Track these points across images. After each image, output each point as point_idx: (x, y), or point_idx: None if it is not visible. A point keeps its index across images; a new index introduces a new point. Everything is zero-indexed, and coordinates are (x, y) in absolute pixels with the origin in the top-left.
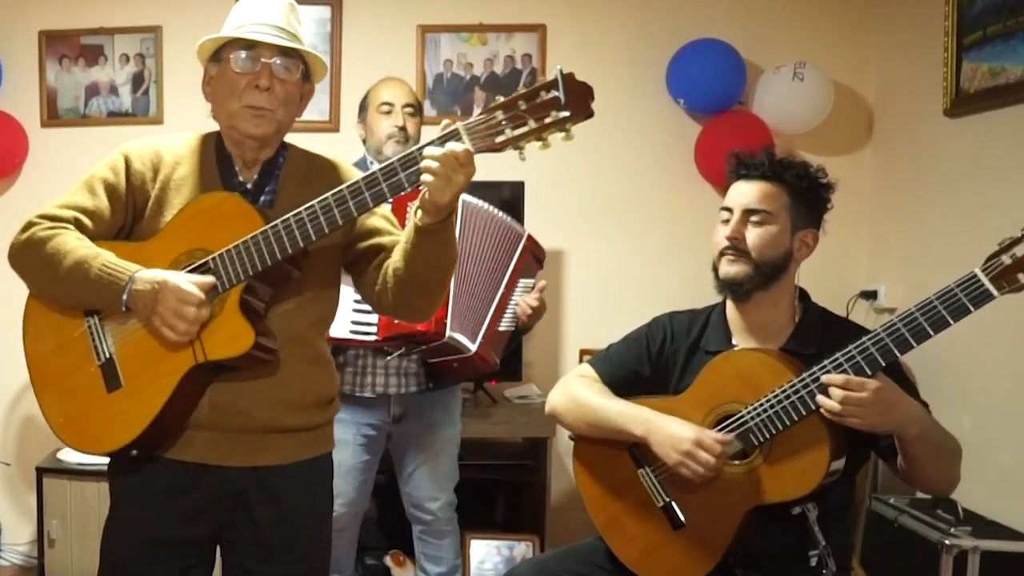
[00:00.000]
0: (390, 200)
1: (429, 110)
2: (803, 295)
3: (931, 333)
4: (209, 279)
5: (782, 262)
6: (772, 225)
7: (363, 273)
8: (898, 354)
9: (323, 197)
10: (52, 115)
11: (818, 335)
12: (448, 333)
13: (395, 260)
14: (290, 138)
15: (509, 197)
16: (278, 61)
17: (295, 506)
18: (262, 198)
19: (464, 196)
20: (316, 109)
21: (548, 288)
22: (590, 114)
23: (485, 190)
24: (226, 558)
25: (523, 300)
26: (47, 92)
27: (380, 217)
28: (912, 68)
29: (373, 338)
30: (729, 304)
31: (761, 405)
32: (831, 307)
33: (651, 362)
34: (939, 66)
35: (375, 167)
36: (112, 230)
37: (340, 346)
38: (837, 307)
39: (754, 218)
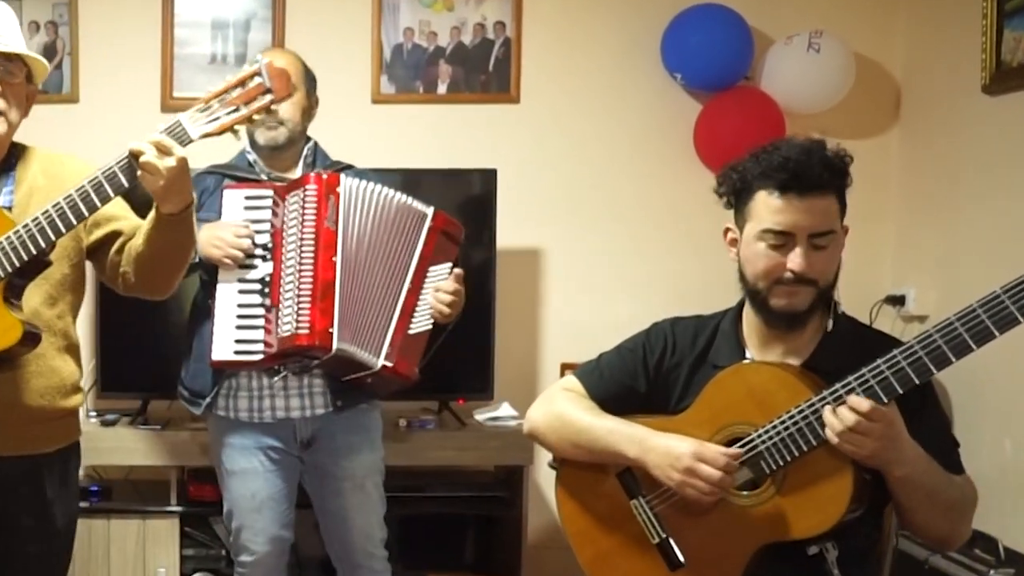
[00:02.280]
0: (118, 191)
1: (387, 87)
2: (831, 303)
3: (973, 347)
4: None
5: (837, 275)
6: (835, 242)
7: (104, 257)
8: (935, 371)
9: (67, 193)
10: None
11: (846, 350)
12: (336, 345)
13: (137, 243)
14: None
15: (479, 188)
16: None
17: (55, 493)
18: (1, 200)
19: (348, 180)
20: None
21: (524, 291)
22: (290, 94)
23: (452, 179)
24: None
25: (435, 294)
26: None
27: (115, 203)
28: (946, 38)
29: (259, 358)
30: (747, 311)
31: (775, 427)
32: (851, 315)
33: (648, 376)
34: (977, 35)
35: (251, 156)
36: None
37: (226, 370)
38: (859, 314)
39: (820, 241)
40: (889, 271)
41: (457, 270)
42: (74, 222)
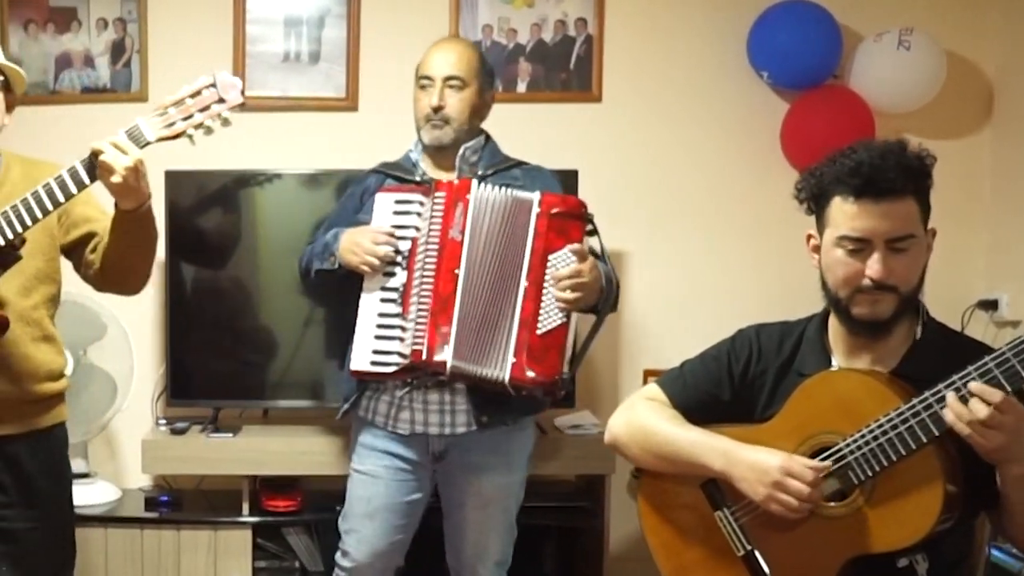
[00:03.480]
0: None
1: None
2: (920, 308)
3: None
4: None
5: (922, 281)
6: (916, 247)
7: (81, 256)
8: None
9: (34, 189)
10: None
11: (936, 357)
12: (451, 364)
13: (104, 241)
14: (305, 116)
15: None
16: None
17: (37, 469)
18: None
19: (479, 187)
20: (331, 84)
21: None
22: (241, 103)
23: None
24: None
25: (555, 282)
26: None
27: (93, 206)
28: None
29: (393, 370)
30: (833, 318)
31: (863, 436)
32: (941, 320)
33: (733, 384)
34: None
35: (415, 155)
36: None
37: (364, 380)
38: (950, 320)
39: (899, 246)
40: (981, 275)
41: (573, 245)
42: (39, 216)
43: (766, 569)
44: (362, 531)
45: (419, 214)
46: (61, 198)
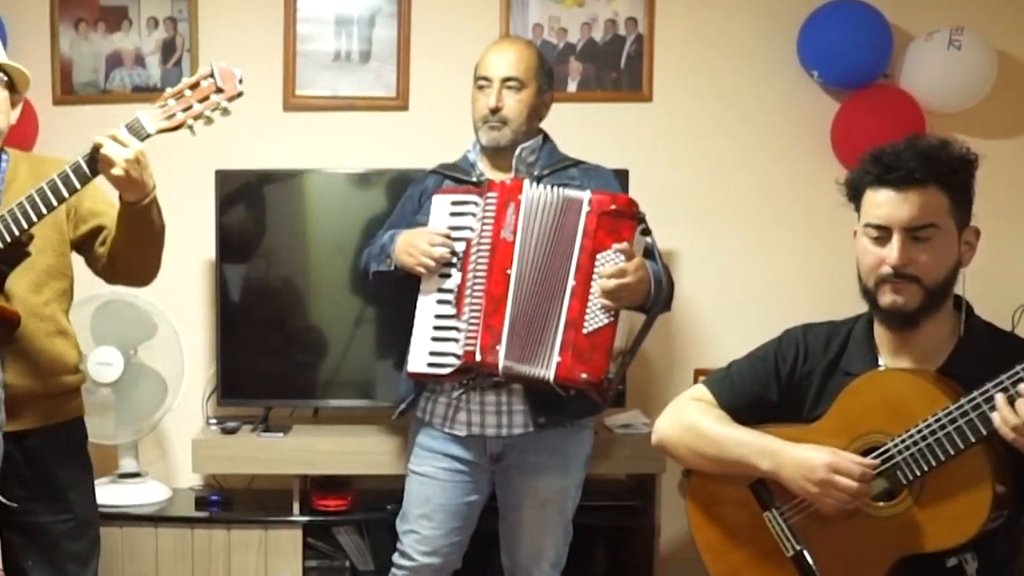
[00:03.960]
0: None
1: None
2: (963, 305)
3: None
4: None
5: (952, 276)
6: (941, 239)
7: (92, 250)
8: None
9: (39, 186)
10: (66, 90)
11: (983, 355)
12: (502, 364)
13: (113, 235)
14: (356, 116)
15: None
16: None
17: (58, 463)
18: None
19: (531, 187)
20: (381, 84)
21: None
22: (239, 93)
23: None
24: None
25: (602, 281)
26: (61, 63)
27: (101, 200)
28: None
29: (449, 371)
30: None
31: (911, 436)
32: (991, 319)
33: (780, 384)
34: None
35: (472, 156)
36: None
37: (421, 381)
38: (1000, 319)
39: (919, 234)
40: None
41: (620, 244)
42: (44, 212)
43: (816, 569)
44: (420, 532)
45: (475, 215)
46: (65, 193)
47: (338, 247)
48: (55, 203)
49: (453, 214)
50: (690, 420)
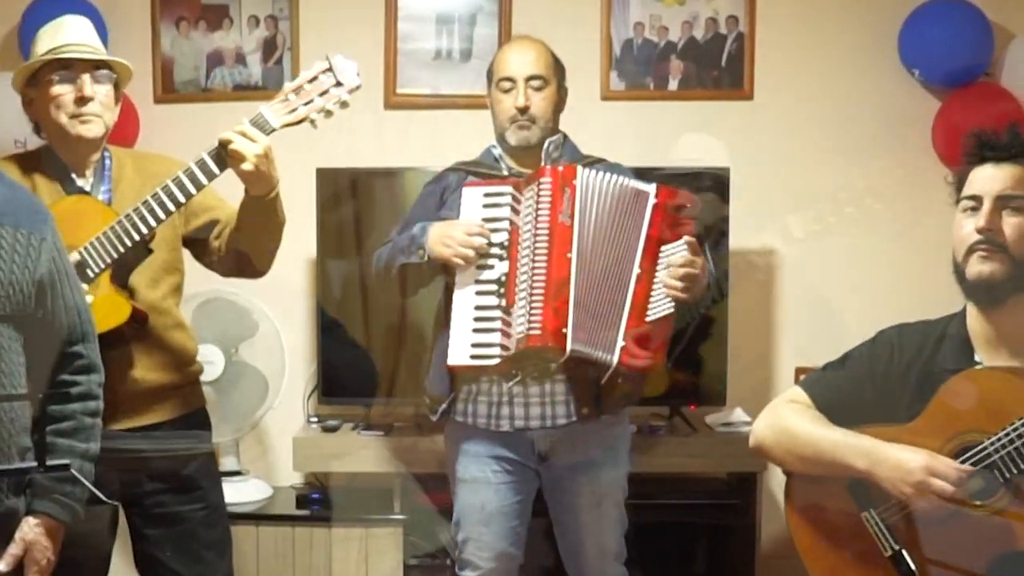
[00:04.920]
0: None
1: (617, 83)
2: None
3: None
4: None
5: None
6: None
7: (206, 244)
8: None
9: (163, 184)
10: (167, 89)
11: None
12: (570, 346)
13: (232, 227)
14: (456, 114)
15: (711, 188)
16: (94, 74)
17: (183, 457)
18: (101, 196)
19: (584, 171)
20: (482, 82)
21: (758, 294)
22: (358, 86)
23: (683, 178)
24: (132, 512)
25: (667, 271)
26: (162, 62)
27: (211, 195)
28: None
29: (496, 361)
30: (972, 313)
31: (1008, 435)
32: None
33: (875, 385)
34: None
35: (497, 152)
36: None
37: (465, 375)
38: None
39: (1012, 204)
40: None
41: (689, 238)
42: (172, 209)
43: (914, 569)
44: (482, 537)
45: (511, 206)
46: (192, 189)
47: None
48: (183, 199)
49: (486, 206)
50: (786, 422)
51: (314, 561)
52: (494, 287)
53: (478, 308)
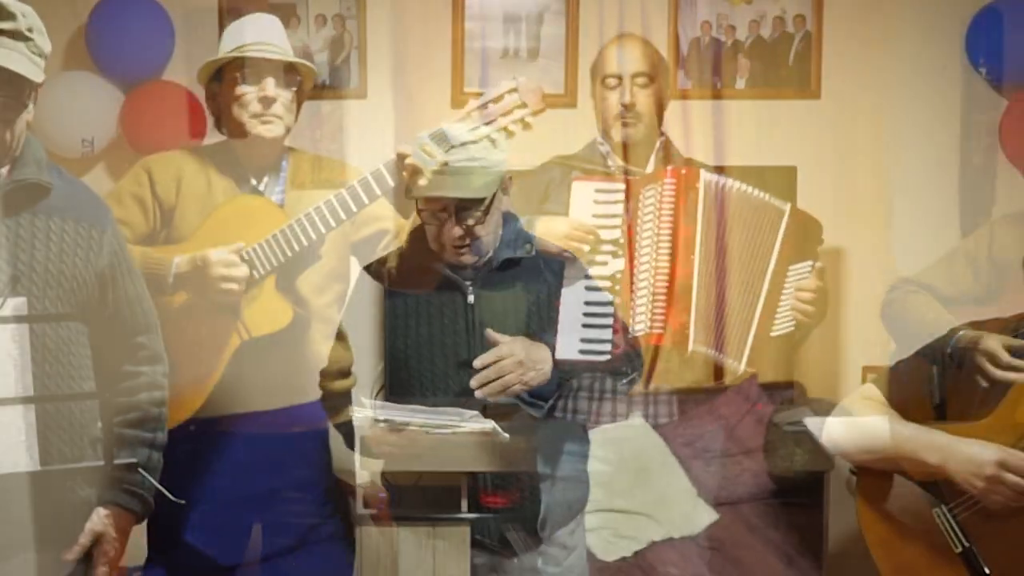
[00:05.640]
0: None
1: (683, 81)
2: None
3: None
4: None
5: None
6: None
7: (371, 252)
8: None
9: (337, 191)
10: None
11: None
12: (692, 347)
13: (403, 238)
14: None
15: (778, 185)
16: (278, 76)
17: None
18: (275, 197)
19: (707, 175)
20: (549, 81)
21: (826, 294)
22: (543, 108)
23: (750, 176)
24: None
25: (797, 293)
26: None
27: (381, 205)
28: None
29: (606, 357)
30: None
31: None
32: None
33: (946, 381)
34: None
35: (605, 148)
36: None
37: (572, 370)
38: None
39: None
40: None
41: (818, 264)
42: (343, 217)
43: (985, 566)
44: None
45: (624, 204)
46: (366, 199)
47: None
48: (355, 209)
49: (598, 202)
50: (859, 419)
51: (381, 560)
52: (607, 284)
53: (588, 303)
